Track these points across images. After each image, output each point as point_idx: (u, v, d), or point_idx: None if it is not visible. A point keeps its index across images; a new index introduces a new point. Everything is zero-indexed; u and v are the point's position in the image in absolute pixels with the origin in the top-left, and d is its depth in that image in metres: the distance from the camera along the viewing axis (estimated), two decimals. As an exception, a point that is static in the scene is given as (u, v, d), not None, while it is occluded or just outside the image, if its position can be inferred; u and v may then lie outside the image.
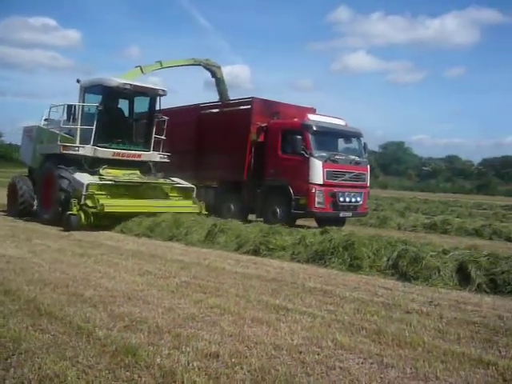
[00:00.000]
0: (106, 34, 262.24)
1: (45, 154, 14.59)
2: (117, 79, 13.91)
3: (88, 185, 12.29)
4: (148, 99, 14.64)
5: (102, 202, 12.03)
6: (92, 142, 13.37)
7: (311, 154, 14.27)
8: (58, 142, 13.55)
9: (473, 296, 6.52)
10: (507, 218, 21.91)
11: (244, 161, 15.43)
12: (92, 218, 12.07)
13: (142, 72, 17.08)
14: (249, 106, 15.84)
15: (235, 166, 15.63)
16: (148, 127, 14.77)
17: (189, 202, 13.95)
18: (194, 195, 14.24)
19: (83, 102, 13.87)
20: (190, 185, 14.41)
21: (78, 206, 11.97)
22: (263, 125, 15.56)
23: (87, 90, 14.02)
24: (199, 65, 19.03)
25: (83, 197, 12.08)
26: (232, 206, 15.94)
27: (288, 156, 14.69)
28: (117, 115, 14.62)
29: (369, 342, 4.40)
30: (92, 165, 13.57)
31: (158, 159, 14.78)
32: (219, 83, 19.52)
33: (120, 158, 13.95)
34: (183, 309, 5.19)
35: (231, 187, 16.22)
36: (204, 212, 13.73)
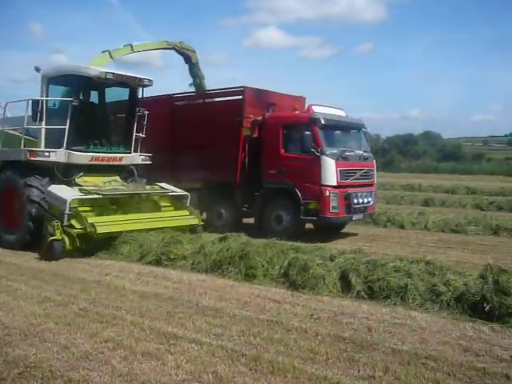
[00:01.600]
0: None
1: (1, 161, 12.10)
2: (96, 67, 11.88)
3: (72, 201, 10.21)
4: (128, 90, 12.51)
5: (90, 221, 10.12)
6: (65, 146, 11.27)
7: (323, 152, 12.76)
8: (23, 147, 11.37)
9: (352, 304, 7.20)
10: (405, 200, 23.41)
11: (236, 159, 13.77)
12: (78, 241, 10.16)
13: (111, 57, 15.04)
14: (240, 97, 13.99)
15: (225, 165, 13.97)
16: (128, 124, 12.68)
17: (185, 212, 12.20)
18: (188, 203, 12.51)
19: (47, 95, 11.67)
20: (183, 192, 12.58)
21: (60, 229, 9.98)
22: (258, 118, 13.94)
23: (52, 80, 11.79)
24: (172, 48, 16.90)
25: (66, 216, 10.05)
26: (223, 212, 14.38)
27: (293, 154, 13.21)
28: (93, 111, 12.40)
29: (246, 372, 4.90)
30: (65, 173, 11.51)
31: (140, 162, 12.88)
32: (194, 70, 17.62)
33: (99, 163, 11.91)
34: (78, 345, 5.47)
35: (219, 189, 14.49)
36: (201, 222, 12.38)
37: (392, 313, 6.76)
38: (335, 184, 12.77)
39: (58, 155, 11.28)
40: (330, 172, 12.75)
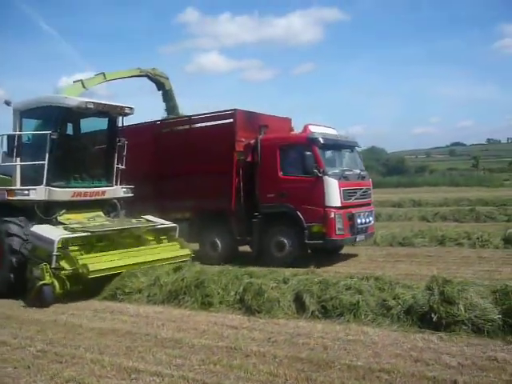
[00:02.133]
0: None
1: None
2: (75, 98, 11.34)
3: (60, 241, 9.54)
4: (106, 120, 11.90)
5: (81, 261, 9.43)
6: (45, 182, 10.55)
7: (325, 173, 12.42)
8: None
9: (307, 324, 7.41)
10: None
11: (230, 186, 13.23)
12: (68, 284, 9.45)
13: (84, 87, 14.49)
14: (231, 120, 13.48)
15: (217, 192, 13.34)
16: (108, 155, 12.01)
17: (175, 245, 11.58)
18: (177, 234, 11.83)
19: (20, 129, 10.95)
20: (172, 223, 11.90)
21: (50, 272, 9.27)
22: (251, 141, 13.50)
23: (25, 113, 11.14)
24: (145, 75, 16.32)
25: (54, 258, 9.34)
26: (218, 241, 13.75)
27: (292, 177, 12.80)
28: (70, 143, 11.61)
29: (208, 401, 5.03)
30: (46, 211, 10.81)
31: (122, 195, 12.16)
32: (168, 97, 17.03)
33: (81, 198, 11.24)
34: (38, 389, 5.47)
35: (213, 218, 13.88)
36: (192, 254, 11.60)
37: (346, 330, 7.00)
38: (339, 205, 12.41)
39: (38, 193, 10.55)
40: (334, 193, 12.38)
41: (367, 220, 13.32)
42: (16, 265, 9.99)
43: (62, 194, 10.87)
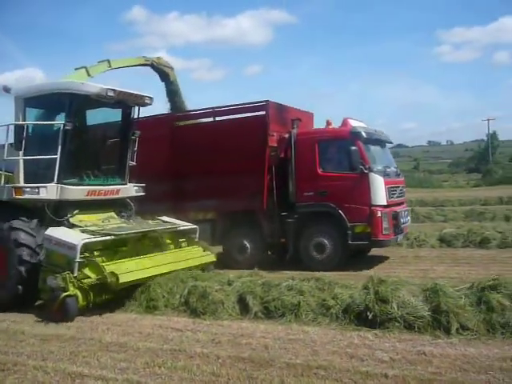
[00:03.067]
0: None
1: None
2: (94, 84, 9.94)
3: (83, 246, 8.48)
4: (119, 110, 10.74)
5: (108, 268, 8.44)
6: (56, 179, 9.42)
7: (370, 169, 11.81)
8: (3, 183, 9.63)
9: (250, 325, 7.62)
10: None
11: (261, 184, 12.39)
12: (91, 294, 8.50)
13: (89, 74, 12.75)
14: (263, 112, 12.58)
15: (246, 191, 12.51)
16: (121, 150, 10.90)
17: (197, 248, 10.70)
18: (197, 237, 10.92)
19: (24, 120, 9.75)
20: (192, 225, 10.95)
21: (74, 282, 8.24)
22: (284, 135, 12.75)
23: (30, 101, 9.92)
24: (150, 65, 14.79)
25: (76, 265, 8.30)
26: (247, 244, 12.93)
27: (334, 173, 12.15)
28: (82, 136, 10.42)
29: (152, 401, 5.17)
30: (55, 212, 9.61)
31: (134, 194, 11.07)
32: (171, 88, 15.47)
33: (95, 197, 10.16)
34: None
35: (241, 219, 13.08)
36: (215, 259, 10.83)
37: (287, 330, 7.26)
38: (385, 203, 11.91)
39: (50, 191, 9.38)
40: (380, 190, 11.84)
41: (406, 219, 13.04)
42: (25, 275, 8.93)
43: (76, 192, 9.78)
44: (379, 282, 7.67)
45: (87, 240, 8.67)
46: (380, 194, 11.84)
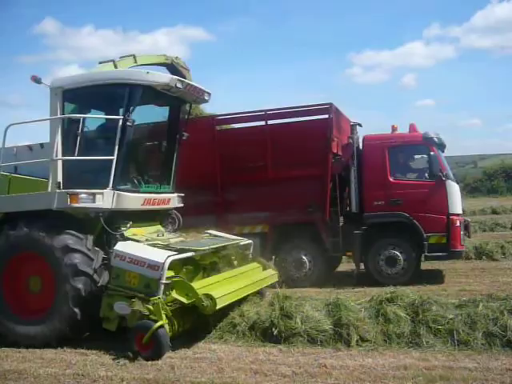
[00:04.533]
0: None
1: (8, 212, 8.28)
2: (162, 73, 8.75)
3: (170, 264, 7.13)
4: (167, 108, 9.51)
5: (201, 291, 7.06)
6: (111, 184, 7.98)
7: (448, 176, 11.34)
8: (50, 189, 8.06)
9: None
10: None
11: (323, 193, 11.62)
12: (176, 322, 7.21)
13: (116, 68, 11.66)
14: (326, 116, 11.75)
15: (305, 201, 11.65)
16: (169, 153, 9.55)
17: (258, 266, 9.37)
18: (251, 253, 9.61)
19: (63, 115, 8.31)
20: (247, 240, 9.64)
21: (166, 309, 6.92)
22: (350, 141, 11.97)
23: (71, 94, 8.38)
24: (170, 64, 12.70)
25: (162, 287, 7.01)
26: (306, 259, 11.88)
27: (407, 181, 11.62)
28: (141, 137, 9.26)
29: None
30: (107, 224, 8.07)
31: (177, 204, 9.69)
32: None
33: (150, 207, 8.85)
34: None
35: (298, 232, 11.96)
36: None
37: (194, 348, 7.28)
38: (461, 212, 11.54)
39: (106, 199, 7.92)
40: (457, 198, 11.39)
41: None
42: (84, 294, 7.45)
43: (133, 200, 8.43)
44: (284, 298, 7.85)
45: (174, 257, 7.34)
46: (457, 202, 11.45)
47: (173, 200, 9.50)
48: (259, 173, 11.98)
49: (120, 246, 7.51)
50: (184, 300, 7.05)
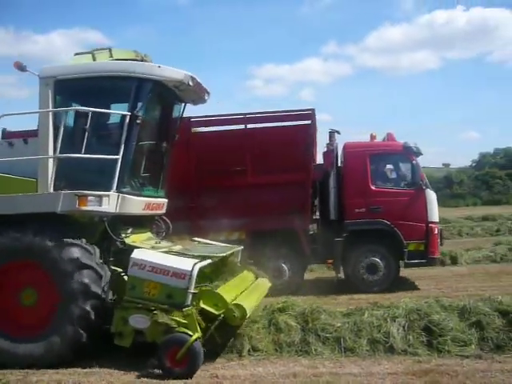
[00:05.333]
0: None
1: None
2: (175, 69, 7.78)
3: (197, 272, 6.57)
4: (160, 107, 8.71)
5: (229, 301, 6.66)
6: (115, 186, 7.25)
7: (427, 185, 11.70)
8: (52, 189, 7.15)
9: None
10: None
11: (304, 199, 11.51)
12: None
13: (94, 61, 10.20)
14: (308, 122, 11.67)
15: (285, 207, 11.36)
16: (163, 155, 8.85)
17: (251, 275, 8.80)
18: (239, 260, 9.04)
19: (54, 107, 7.45)
20: (238, 246, 9.15)
21: (200, 320, 6.43)
22: (329, 148, 11.99)
23: (63, 85, 7.48)
24: (140, 60, 11.75)
25: (190, 296, 6.46)
26: (285, 266, 11.62)
27: (389, 189, 11.80)
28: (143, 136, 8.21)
29: None
30: (112, 228, 7.42)
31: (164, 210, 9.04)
32: None
33: (149, 212, 8.28)
34: None
35: (278, 239, 11.55)
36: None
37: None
38: (437, 220, 11.84)
39: (111, 202, 7.17)
40: (435, 206, 11.68)
41: None
42: (93, 317, 6.76)
43: (136, 205, 7.79)
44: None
45: (201, 264, 6.78)
46: (435, 210, 11.70)
47: (165, 205, 8.94)
48: (239, 178, 11.63)
49: (138, 254, 6.86)
50: (214, 311, 6.60)
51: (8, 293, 7.06)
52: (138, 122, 7.42)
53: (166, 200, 8.94)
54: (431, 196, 11.79)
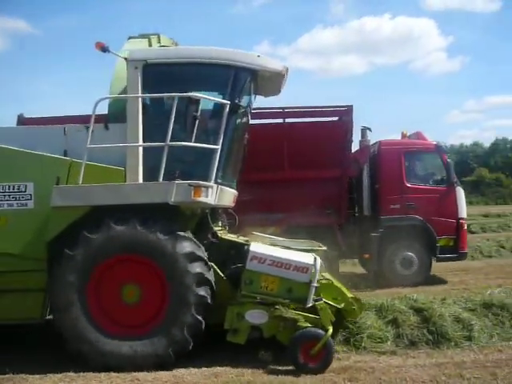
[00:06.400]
0: None
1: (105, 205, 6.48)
2: (274, 60, 7.49)
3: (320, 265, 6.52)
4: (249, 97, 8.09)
5: (348, 294, 6.81)
6: (214, 177, 6.83)
7: (457, 183, 12.13)
8: (161, 179, 6.53)
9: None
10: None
11: (341, 196, 11.55)
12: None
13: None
14: (347, 118, 11.55)
15: (321, 203, 11.29)
16: (244, 146, 8.52)
17: None
18: None
19: (143, 92, 6.97)
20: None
21: (329, 313, 6.38)
22: (365, 144, 12.03)
23: (152, 70, 7.00)
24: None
25: (313, 290, 6.34)
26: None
27: (422, 186, 12.05)
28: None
29: None
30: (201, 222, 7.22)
31: None
32: None
33: (231, 205, 8.11)
34: None
35: (312, 235, 9.81)
36: None
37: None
38: (465, 216, 12.24)
39: (213, 194, 6.85)
40: (464, 203, 12.12)
41: None
42: (209, 301, 6.43)
43: (229, 196, 7.61)
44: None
45: (320, 258, 6.67)
46: (464, 206, 12.13)
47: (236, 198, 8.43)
48: (273, 172, 11.37)
49: (257, 248, 6.67)
50: (335, 304, 6.65)
51: (110, 290, 6.58)
52: (238, 111, 7.26)
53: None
54: (461, 193, 12.22)
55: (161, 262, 6.42)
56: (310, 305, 6.35)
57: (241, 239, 7.64)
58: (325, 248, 7.75)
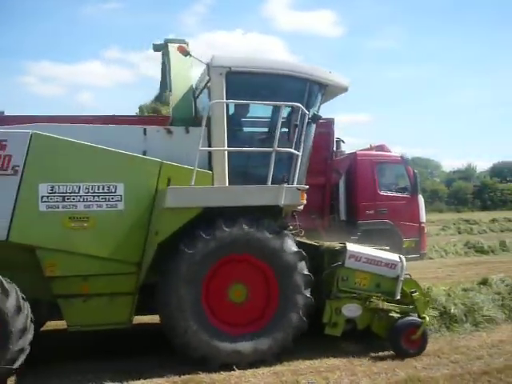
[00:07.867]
0: None
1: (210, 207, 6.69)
2: (342, 76, 8.08)
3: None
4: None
5: (421, 288, 7.60)
6: (297, 181, 7.32)
7: (418, 191, 13.54)
8: (270, 182, 6.88)
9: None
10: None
11: (324, 201, 12.37)
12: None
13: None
14: (328, 130, 12.18)
15: (307, 209, 11.09)
16: (309, 154, 8.74)
17: None
18: None
19: (227, 98, 7.17)
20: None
21: (426, 304, 7.44)
22: (343, 155, 13.27)
23: (234, 77, 7.17)
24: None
25: (400, 284, 7.19)
26: None
27: (392, 194, 13.37)
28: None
29: None
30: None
31: None
32: None
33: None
34: None
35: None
36: None
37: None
38: (425, 220, 13.59)
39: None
40: (423, 209, 13.48)
41: None
42: (301, 321, 6.77)
43: (303, 200, 7.57)
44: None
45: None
46: (423, 212, 13.49)
47: None
48: None
49: (353, 247, 7.36)
50: (418, 295, 7.37)
51: (219, 290, 6.78)
52: (315, 121, 7.79)
53: None
54: (421, 200, 13.58)
55: (269, 260, 6.72)
56: (398, 297, 7.14)
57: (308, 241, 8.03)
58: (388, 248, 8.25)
